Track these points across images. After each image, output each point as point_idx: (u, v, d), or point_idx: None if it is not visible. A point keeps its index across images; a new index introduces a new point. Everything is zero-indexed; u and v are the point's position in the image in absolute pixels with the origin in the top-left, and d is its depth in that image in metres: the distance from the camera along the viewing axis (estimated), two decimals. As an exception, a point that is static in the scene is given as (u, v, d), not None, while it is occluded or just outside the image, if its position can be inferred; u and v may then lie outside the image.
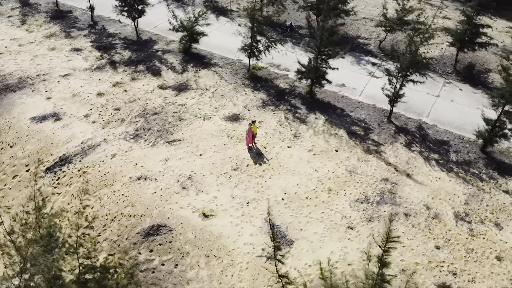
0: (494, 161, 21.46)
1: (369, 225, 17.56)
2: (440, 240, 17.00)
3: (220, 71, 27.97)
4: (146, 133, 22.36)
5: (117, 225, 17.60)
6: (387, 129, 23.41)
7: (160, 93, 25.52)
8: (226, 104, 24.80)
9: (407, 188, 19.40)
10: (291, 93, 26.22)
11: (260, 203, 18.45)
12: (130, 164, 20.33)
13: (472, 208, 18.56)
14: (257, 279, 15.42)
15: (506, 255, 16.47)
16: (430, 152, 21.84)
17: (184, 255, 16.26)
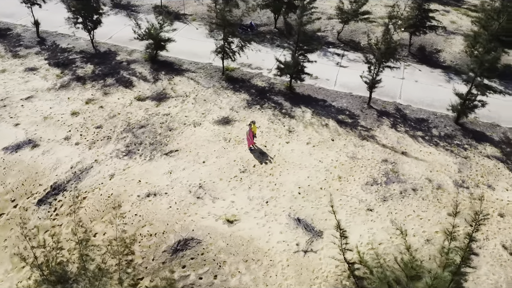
0: (468, 130, 23.75)
1: (385, 204, 18.54)
2: (449, 207, 18.52)
3: (194, 76, 27.40)
4: (138, 148, 21.26)
5: (139, 248, 16.60)
6: (370, 114, 24.75)
7: (140, 105, 24.35)
8: (212, 108, 24.41)
9: (406, 166, 20.77)
10: (271, 90, 26.54)
11: (278, 200, 18.56)
12: (133, 182, 19.23)
13: (465, 175, 20.43)
14: (301, 274, 15.56)
15: (506, 211, 18.43)
16: (414, 130, 23.54)
17: (221, 265, 15.85)
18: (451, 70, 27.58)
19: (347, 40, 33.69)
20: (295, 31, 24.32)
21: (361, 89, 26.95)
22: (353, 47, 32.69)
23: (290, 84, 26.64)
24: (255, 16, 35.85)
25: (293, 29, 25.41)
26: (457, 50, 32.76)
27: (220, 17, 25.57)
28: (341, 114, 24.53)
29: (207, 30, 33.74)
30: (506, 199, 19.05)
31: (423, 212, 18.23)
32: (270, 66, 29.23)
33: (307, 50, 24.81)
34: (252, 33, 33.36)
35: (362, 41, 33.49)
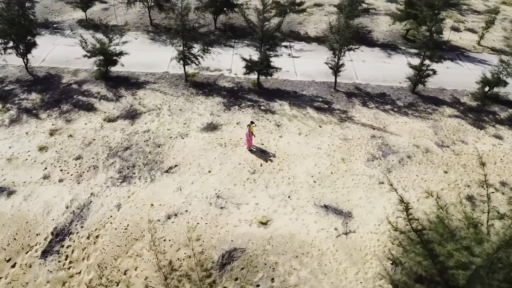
0: (425, 97, 26.63)
1: (391, 175, 20.01)
2: (442, 166, 20.73)
3: (157, 88, 26.00)
4: (133, 171, 19.63)
5: (180, 273, 15.53)
6: (340, 97, 26.23)
7: (113, 127, 22.39)
8: (191, 116, 23.50)
9: (392, 137, 22.58)
10: (241, 89, 26.46)
11: (299, 192, 18.83)
12: (146, 207, 17.78)
13: (441, 136, 22.98)
14: (351, 255, 16.13)
15: (486, 160, 21.26)
16: (382, 104, 25.60)
17: (274, 267, 15.65)
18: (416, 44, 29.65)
19: (287, 32, 34.91)
20: (259, 28, 24.56)
21: (321, 75, 28.37)
22: (295, 38, 34.03)
23: (258, 81, 26.86)
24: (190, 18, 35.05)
25: (237, 28, 25.50)
26: (384, 28, 36.20)
27: (180, 22, 24.59)
28: (315, 101, 25.56)
29: (148, 38, 32.22)
30: (481, 149, 21.96)
31: (424, 174, 20.12)
32: (228, 66, 29.04)
33: (272, 45, 25.23)
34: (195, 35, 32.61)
35: (301, 31, 35.06)
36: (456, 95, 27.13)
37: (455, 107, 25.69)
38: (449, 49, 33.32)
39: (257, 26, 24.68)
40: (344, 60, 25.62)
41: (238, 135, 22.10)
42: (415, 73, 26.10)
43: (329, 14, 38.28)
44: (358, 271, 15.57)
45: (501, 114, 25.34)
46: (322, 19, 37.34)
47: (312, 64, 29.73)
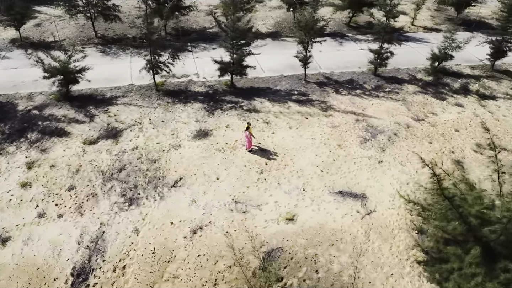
0: (387, 78, 28.59)
1: (385, 152, 21.27)
2: (426, 137, 22.54)
3: (129, 101, 24.51)
4: (137, 191, 18.39)
5: (226, 285, 15.05)
6: (313, 87, 27.07)
7: (97, 149, 20.68)
8: (176, 126, 22.58)
9: (374, 119, 23.95)
10: (217, 92, 26.02)
11: (311, 184, 19.18)
12: (166, 227, 16.80)
13: (414, 111, 24.93)
14: (380, 232, 16.93)
15: (458, 126, 23.55)
16: (353, 89, 26.98)
17: (315, 259, 15.84)
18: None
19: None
20: (230, 29, 24.33)
21: (287, 69, 29.03)
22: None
23: (232, 82, 26.61)
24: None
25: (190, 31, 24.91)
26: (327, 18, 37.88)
27: (148, 31, 23.37)
28: (292, 95, 26.09)
29: (98, 51, 30.13)
30: (450, 118, 24.28)
31: (413, 148, 21.72)
32: (194, 71, 28.36)
33: (243, 44, 25.15)
34: (149, 43, 31.19)
35: (253, 29, 35.26)
36: (410, 72, 29.55)
37: (415, 84, 28.01)
38: (390, 32, 35.99)
39: (228, 27, 24.40)
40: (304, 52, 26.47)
41: (232, 138, 21.80)
42: (376, 57, 27.90)
43: (272, 9, 39.07)
44: (391, 246, 16.44)
45: (454, 84, 28.22)
46: (268, 14, 37.99)
47: (273, 59, 30.21)
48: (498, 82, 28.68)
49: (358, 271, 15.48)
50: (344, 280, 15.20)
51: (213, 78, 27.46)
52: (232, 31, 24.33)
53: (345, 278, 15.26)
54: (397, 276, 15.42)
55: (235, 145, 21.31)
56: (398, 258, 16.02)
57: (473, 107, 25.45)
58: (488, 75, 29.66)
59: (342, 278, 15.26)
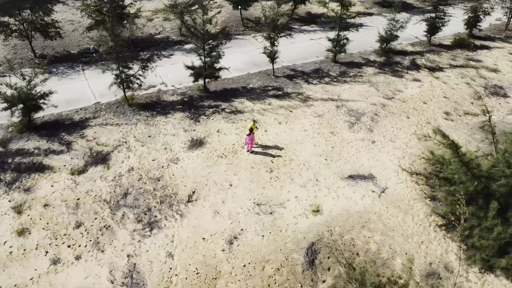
0: (345, 63, 30.11)
1: (374, 132, 22.53)
2: (402, 113, 24.33)
3: (104, 121, 22.67)
4: (153, 214, 17.23)
5: (280, 287, 14.93)
6: (284, 81, 27.53)
7: (89, 178, 18.87)
8: (166, 139, 21.48)
9: (350, 103, 25.17)
10: (193, 99, 25.19)
11: (321, 173, 19.65)
12: (200, 244, 16.03)
13: (383, 91, 26.68)
14: (399, 206, 18.03)
15: (424, 99, 25.78)
16: (321, 78, 28.00)
17: (352, 243, 16.38)
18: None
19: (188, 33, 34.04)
20: (199, 32, 23.66)
21: (252, 67, 29.21)
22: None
23: (205, 86, 25.94)
24: (74, 38, 31.04)
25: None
26: (270, 13, 38.52)
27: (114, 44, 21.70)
28: (268, 91, 26.28)
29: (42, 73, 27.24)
30: (414, 93, 26.48)
31: (395, 124, 23.34)
32: (159, 80, 27.11)
33: (214, 47, 24.63)
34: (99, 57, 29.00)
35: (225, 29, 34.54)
36: (363, 56, 31.51)
37: (372, 65, 29.96)
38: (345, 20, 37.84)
39: (198, 30, 23.68)
40: (258, 47, 26.84)
41: (229, 142, 21.39)
42: (334, 45, 29.25)
43: (214, 9, 38.54)
44: (412, 217, 17.65)
45: (404, 62, 30.76)
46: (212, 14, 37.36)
47: (235, 58, 30.01)
48: (438, 55, 31.90)
49: (392, 246, 16.39)
50: (383, 257, 15.99)
51: (182, 85, 26.51)
52: (202, 33, 23.68)
53: (384, 255, 16.06)
54: (427, 242, 16.65)
55: (234, 148, 20.96)
56: (422, 226, 17.28)
57: (429, 80, 28.06)
58: (428, 50, 32.83)
59: (382, 255, 16.04)
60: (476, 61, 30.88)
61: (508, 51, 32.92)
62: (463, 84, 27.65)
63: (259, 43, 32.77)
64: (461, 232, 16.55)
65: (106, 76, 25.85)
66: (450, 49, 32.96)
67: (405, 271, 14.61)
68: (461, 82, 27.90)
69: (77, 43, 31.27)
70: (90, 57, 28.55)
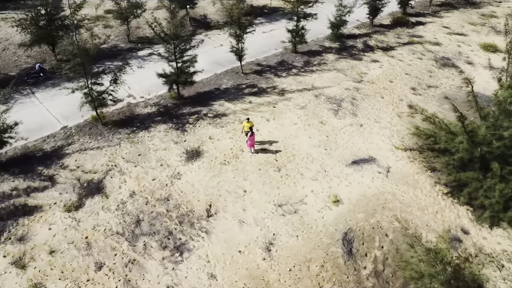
0: (306, 53, 30.60)
1: (358, 116, 23.35)
2: (376, 94, 25.48)
3: (82, 147, 20.51)
4: (177, 237, 16.08)
5: (330, 283, 14.95)
6: (254, 77, 27.21)
7: (90, 211, 16.98)
8: (158, 155, 20.09)
9: (326, 91, 25.71)
10: (169, 108, 23.81)
11: (326, 163, 19.89)
12: (238, 258, 15.35)
13: (350, 75, 27.64)
14: (407, 182, 18.99)
15: (390, 78, 27.26)
16: (288, 70, 28.16)
17: (379, 225, 16.92)
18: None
19: (136, 38, 32.08)
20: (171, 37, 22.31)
21: (216, 67, 28.57)
22: (152, 42, 31.57)
23: (179, 93, 24.61)
24: (7, 57, 27.62)
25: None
26: (213, 10, 37.71)
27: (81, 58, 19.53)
28: (242, 89, 25.78)
29: None
30: (378, 73, 27.87)
31: (374, 105, 24.40)
32: (125, 93, 25.08)
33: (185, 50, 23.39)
34: (46, 76, 26.00)
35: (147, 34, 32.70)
36: (318, 43, 32.31)
37: (330, 52, 30.87)
38: (271, 11, 38.14)
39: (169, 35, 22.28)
40: (216, 46, 26.22)
41: (226, 147, 20.66)
42: (293, 35, 29.56)
43: (154, 11, 36.48)
44: (421, 190, 18.73)
45: (357, 45, 32.17)
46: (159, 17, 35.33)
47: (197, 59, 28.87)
48: (384, 35, 33.90)
49: (413, 220, 17.31)
50: (409, 232, 16.81)
51: (152, 94, 24.89)
52: (173, 38, 22.36)
53: (409, 231, 16.90)
54: (440, 211, 17.85)
55: (234, 153, 20.32)
56: (432, 197, 18.46)
57: (386, 60, 29.75)
58: (373, 31, 34.69)
59: (407, 231, 16.86)
60: (418, 37, 33.43)
61: (440, 24, 36.13)
62: (416, 59, 29.80)
63: (214, 41, 31.90)
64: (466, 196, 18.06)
65: (63, 96, 23.58)
66: (391, 28, 35.18)
67: (440, 241, 15.50)
68: (414, 58, 30.03)
69: (13, 63, 27.60)
70: (37, 77, 25.41)
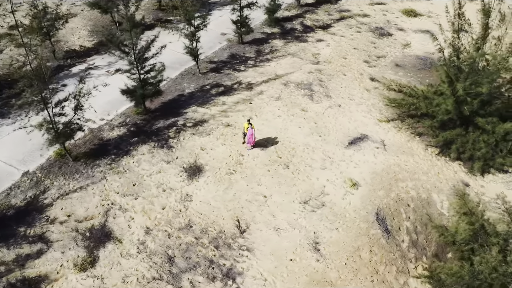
0: (253, 42, 29.90)
1: (332, 97, 23.74)
2: (338, 72, 26.11)
3: (64, 192, 17.67)
4: (219, 263, 14.81)
5: (384, 265, 15.28)
6: (214, 76, 25.87)
7: (109, 264, 14.73)
8: (155, 180, 18.12)
9: (292, 77, 25.53)
10: (140, 125, 21.49)
11: (327, 150, 19.98)
12: (292, 267, 14.78)
13: (305, 57, 27.81)
14: (404, 151, 20.08)
15: (342, 55, 28.10)
16: (244, 62, 27.33)
17: (399, 197, 17.69)
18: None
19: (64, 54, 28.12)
20: (131, 48, 19.88)
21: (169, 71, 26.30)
22: (79, 55, 27.92)
23: (145, 107, 22.26)
24: None
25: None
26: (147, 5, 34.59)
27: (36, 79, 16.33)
28: (209, 90, 24.39)
29: None
30: (329, 52, 28.54)
31: (342, 84, 25.02)
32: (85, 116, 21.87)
33: (147, 59, 21.06)
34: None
35: (76, 46, 28.87)
36: (258, 30, 31.80)
37: (274, 38, 30.64)
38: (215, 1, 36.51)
39: (128, 46, 19.80)
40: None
41: (224, 155, 19.47)
42: (239, 26, 28.64)
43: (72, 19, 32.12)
44: (418, 156, 19.99)
45: (296, 26, 32.45)
46: (74, 26, 31.16)
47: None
48: (316, 14, 34.72)
49: (423, 185, 18.48)
50: (424, 197, 17.93)
51: (112, 114, 22.17)
52: (134, 48, 19.97)
53: (423, 195, 18.02)
54: (440, 171, 19.33)
55: (235, 159, 19.25)
56: (429, 161, 19.85)
57: (330, 38, 30.60)
58: (302, 11, 35.26)
59: (422, 196, 17.96)
60: (346, 11, 34.97)
61: (358, -4, 38.29)
62: (356, 33, 31.23)
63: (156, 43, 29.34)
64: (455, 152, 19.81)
65: (3, 136, 19.91)
66: (318, 6, 36.14)
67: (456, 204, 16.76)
68: (353, 32, 31.40)
69: None
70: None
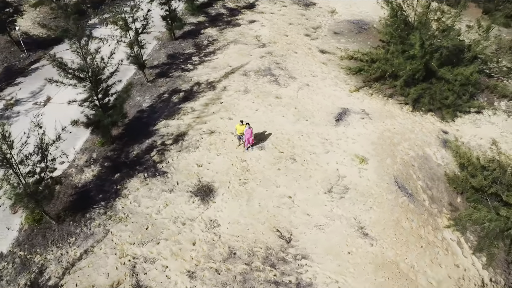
0: (186, 36, 27.59)
1: (296, 78, 23.35)
2: (288, 51, 25.64)
3: (68, 264, 14.60)
4: (283, 281, 13.91)
5: (433, 233, 16.00)
6: (166, 81, 23.46)
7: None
8: (167, 215, 16.05)
9: (247, 67, 24.28)
10: (115, 159, 18.61)
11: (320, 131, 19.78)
12: (353, 259, 14.56)
13: (250, 42, 26.64)
14: (390, 111, 20.93)
15: (284, 32, 27.56)
16: (188, 60, 25.26)
17: (405, 160, 18.53)
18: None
19: None
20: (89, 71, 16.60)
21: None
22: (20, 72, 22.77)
23: (111, 136, 19.13)
24: None
25: None
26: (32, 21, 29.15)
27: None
28: (169, 100, 22.06)
29: None
30: (268, 31, 27.79)
31: (298, 62, 24.71)
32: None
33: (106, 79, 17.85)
34: None
35: None
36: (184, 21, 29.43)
37: (206, 27, 28.81)
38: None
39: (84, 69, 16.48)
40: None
41: (227, 166, 17.98)
42: (170, 22, 26.10)
43: None
44: (399, 117, 21.04)
45: (221, 11, 30.84)
46: None
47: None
48: (234, -7, 33.37)
49: (415, 142, 19.64)
50: (422, 154, 19.13)
51: (71, 153, 18.65)
52: (89, 72, 16.71)
53: (420, 152, 19.21)
54: (422, 126, 20.74)
55: (240, 166, 17.92)
56: (409, 118, 21.25)
57: (260, 17, 29.78)
58: (219, -7, 33.61)
59: (419, 153, 19.12)
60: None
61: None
62: (283, 8, 30.94)
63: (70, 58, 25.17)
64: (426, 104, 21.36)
65: None
66: (230, -14, 34.79)
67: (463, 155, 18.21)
68: (280, 7, 31.03)
69: None
70: None
